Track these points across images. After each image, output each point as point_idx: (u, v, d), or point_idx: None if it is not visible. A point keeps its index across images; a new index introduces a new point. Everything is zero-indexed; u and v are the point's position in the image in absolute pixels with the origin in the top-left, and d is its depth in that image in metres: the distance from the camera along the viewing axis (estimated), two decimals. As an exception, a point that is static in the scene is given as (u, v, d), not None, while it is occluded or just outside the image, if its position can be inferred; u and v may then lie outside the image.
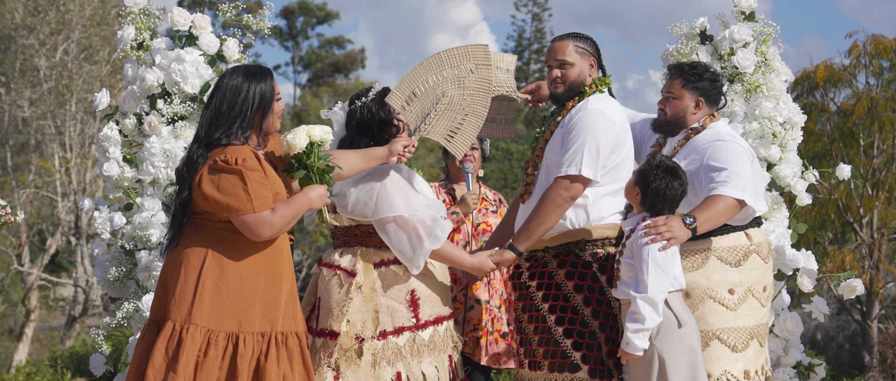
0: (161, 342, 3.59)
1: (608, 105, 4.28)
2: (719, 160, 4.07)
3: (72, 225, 18.92)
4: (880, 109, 11.84)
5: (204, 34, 5.12)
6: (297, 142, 3.73)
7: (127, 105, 5.16)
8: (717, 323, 4.15)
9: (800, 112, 5.15)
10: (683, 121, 4.29)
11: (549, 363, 4.21)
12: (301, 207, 3.72)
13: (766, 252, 4.28)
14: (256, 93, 3.73)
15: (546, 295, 4.26)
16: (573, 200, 4.17)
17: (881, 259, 12.58)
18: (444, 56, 4.23)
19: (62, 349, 16.39)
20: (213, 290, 3.62)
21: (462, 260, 4.24)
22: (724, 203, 3.98)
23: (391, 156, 4.05)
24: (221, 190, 3.60)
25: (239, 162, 3.60)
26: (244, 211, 3.57)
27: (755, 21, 5.22)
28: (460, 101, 4.23)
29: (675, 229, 3.90)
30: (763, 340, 4.27)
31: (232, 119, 3.69)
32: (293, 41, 39.96)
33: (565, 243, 4.27)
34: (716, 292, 4.16)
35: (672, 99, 4.29)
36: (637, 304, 3.86)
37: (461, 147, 4.24)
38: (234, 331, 3.62)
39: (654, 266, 3.85)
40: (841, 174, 5.26)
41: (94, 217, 5.05)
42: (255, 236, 3.62)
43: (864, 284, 5.07)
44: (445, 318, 4.30)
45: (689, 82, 4.27)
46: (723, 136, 4.19)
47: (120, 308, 4.97)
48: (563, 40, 4.40)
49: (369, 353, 4.10)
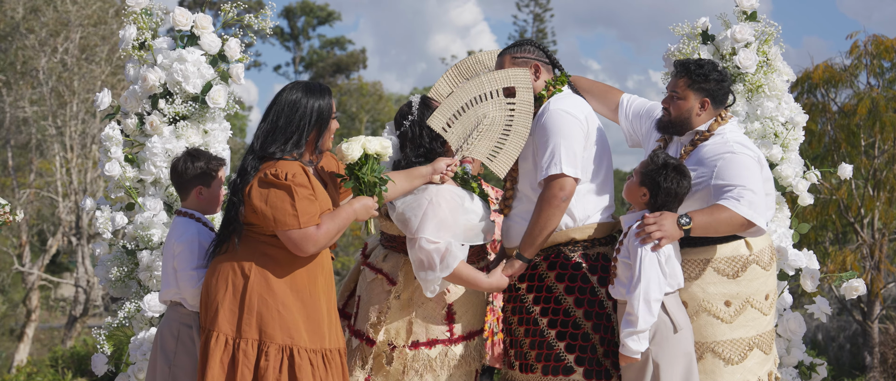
0: (215, 355, 3.66)
1: (570, 103, 4.26)
2: (729, 178, 3.94)
3: (72, 225, 18.93)
4: (882, 109, 11.83)
5: (205, 34, 5.12)
6: (350, 153, 3.78)
7: (129, 105, 5.16)
8: (711, 336, 4.08)
9: (801, 112, 5.14)
10: (689, 122, 4.15)
11: (543, 366, 4.18)
12: (346, 219, 3.75)
13: (768, 260, 4.19)
14: (314, 110, 3.76)
15: (537, 298, 4.23)
16: (568, 198, 4.13)
17: (882, 259, 12.58)
18: (485, 80, 4.28)
19: (63, 350, 16.40)
20: (261, 303, 3.66)
21: (480, 282, 4.22)
22: (729, 216, 3.87)
23: (434, 174, 4.09)
24: (269, 204, 3.63)
25: (289, 177, 3.63)
26: (290, 226, 3.61)
27: (757, 21, 5.22)
28: (502, 122, 4.26)
29: (667, 227, 3.83)
30: (768, 347, 4.18)
31: (289, 135, 3.73)
32: (294, 41, 39.97)
33: (554, 244, 4.24)
34: (711, 305, 4.08)
35: (677, 99, 4.15)
36: (631, 305, 3.80)
37: (503, 167, 4.26)
38: (288, 344, 3.66)
39: (650, 266, 3.80)
40: (843, 174, 5.26)
41: (96, 217, 5.05)
42: (300, 252, 3.66)
43: (864, 284, 5.05)
44: (477, 333, 4.34)
45: (696, 82, 4.11)
46: (732, 147, 4.02)
47: (121, 308, 4.96)
48: (501, 58, 4.41)
49: (400, 361, 4.13)
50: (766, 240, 4.24)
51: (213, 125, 5.12)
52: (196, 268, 3.89)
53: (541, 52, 4.40)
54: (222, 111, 5.15)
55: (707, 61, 4.18)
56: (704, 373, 4.06)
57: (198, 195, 4.04)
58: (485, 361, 4.98)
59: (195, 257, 3.91)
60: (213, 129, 5.12)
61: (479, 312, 4.34)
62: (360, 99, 33.08)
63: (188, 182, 4.03)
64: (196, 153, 4.08)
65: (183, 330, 3.92)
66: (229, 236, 3.76)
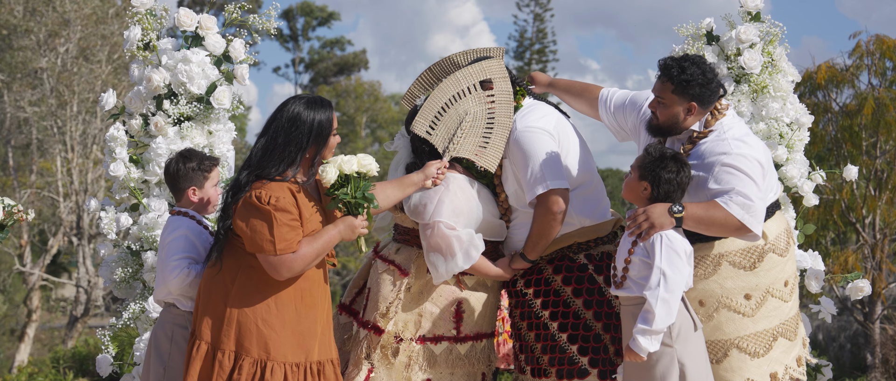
0: (195, 363, 3.67)
1: (534, 118, 4.24)
2: (726, 183, 3.83)
3: (73, 225, 18.92)
4: (887, 108, 11.84)
5: (210, 35, 5.12)
6: (326, 176, 3.71)
7: (133, 105, 5.16)
8: (734, 332, 4.03)
9: (807, 113, 5.13)
10: (678, 127, 4.02)
11: (557, 370, 4.18)
12: (328, 241, 3.71)
13: (784, 245, 4.10)
14: (314, 125, 3.71)
15: (545, 302, 4.23)
16: (563, 211, 4.12)
17: (884, 260, 12.59)
18: (460, 76, 4.26)
19: (64, 350, 16.40)
20: (241, 315, 3.66)
21: (488, 271, 4.24)
22: (723, 216, 3.78)
23: (426, 179, 4.09)
24: (249, 226, 3.63)
25: (271, 201, 3.61)
26: (266, 251, 3.60)
27: (761, 21, 5.21)
28: (484, 116, 4.25)
29: (656, 216, 3.73)
30: (793, 334, 4.10)
31: (285, 154, 3.69)
32: (294, 42, 39.97)
33: (558, 248, 4.25)
34: (731, 300, 4.03)
35: (661, 104, 4.00)
36: (650, 303, 3.70)
37: (492, 160, 4.25)
38: (263, 358, 3.65)
39: (669, 265, 3.73)
40: (848, 175, 5.25)
41: (101, 218, 5.04)
42: (276, 275, 3.65)
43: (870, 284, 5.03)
44: (486, 335, 4.32)
45: (679, 89, 3.94)
46: (729, 147, 3.89)
47: (126, 309, 4.96)
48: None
49: (405, 354, 4.14)
50: (782, 225, 4.14)
51: (218, 126, 5.12)
52: (180, 258, 3.89)
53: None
54: (227, 112, 5.14)
55: (690, 63, 3.96)
56: (731, 370, 4.02)
57: (192, 195, 4.04)
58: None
59: (179, 249, 3.91)
60: (218, 129, 5.12)
61: (489, 315, 4.34)
62: (357, 101, 33.09)
63: (181, 183, 4.03)
64: (188, 154, 4.08)
65: (177, 331, 3.93)
66: (222, 246, 3.76)
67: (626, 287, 3.85)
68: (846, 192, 12.07)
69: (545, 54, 39.49)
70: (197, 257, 3.93)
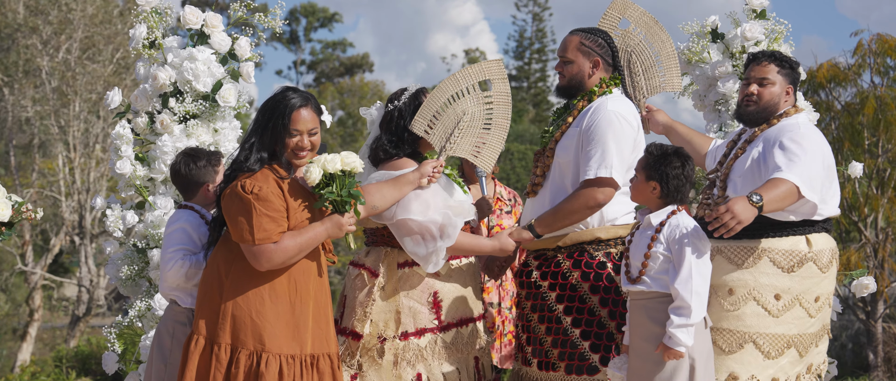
0: (193, 358, 3.66)
1: (624, 106, 4.19)
2: (789, 151, 3.93)
3: (75, 225, 18.93)
4: (890, 106, 11.85)
5: (216, 33, 5.13)
6: (310, 176, 3.67)
7: (139, 103, 5.17)
8: (755, 327, 4.03)
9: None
10: (776, 107, 4.18)
11: (567, 365, 4.15)
12: (313, 238, 3.69)
13: (827, 262, 4.11)
14: (269, 104, 3.73)
15: (560, 296, 4.20)
16: (603, 205, 4.10)
17: (886, 258, 12.59)
18: (459, 76, 4.29)
19: (67, 349, 16.41)
20: (235, 308, 3.66)
21: (481, 246, 4.22)
22: (787, 187, 3.81)
23: (422, 178, 4.07)
24: (230, 215, 3.64)
25: (254, 191, 3.61)
26: (245, 240, 3.61)
27: (766, 19, 5.22)
28: (482, 116, 4.27)
29: (740, 212, 3.67)
30: (804, 350, 4.12)
31: (261, 143, 3.70)
32: (295, 44, 40.01)
33: (578, 243, 4.21)
34: (761, 295, 4.03)
35: (767, 84, 4.18)
36: (683, 297, 3.69)
37: (489, 161, 4.27)
38: (258, 350, 3.64)
39: (697, 262, 3.72)
40: (853, 172, 5.25)
41: (107, 215, 5.06)
42: (256, 265, 3.64)
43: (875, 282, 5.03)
44: (470, 319, 4.29)
45: (783, 68, 4.18)
46: (799, 122, 4.12)
47: (131, 307, 4.97)
48: (572, 35, 4.33)
49: (391, 353, 4.12)
50: (829, 242, 4.16)
51: (224, 124, 5.13)
52: (175, 250, 3.91)
53: (608, 50, 4.31)
54: (232, 110, 5.15)
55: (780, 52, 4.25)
56: (741, 363, 4.03)
57: (205, 191, 4.07)
58: (493, 361, 4.98)
59: (175, 241, 3.93)
60: (224, 127, 5.12)
61: (471, 298, 4.30)
62: (360, 100, 33.13)
63: (195, 182, 4.06)
64: (194, 154, 4.10)
65: (178, 328, 3.94)
66: (217, 238, 3.78)
67: (642, 282, 3.84)
68: (848, 190, 12.07)
69: (544, 54, 39.54)
70: (193, 249, 3.94)
